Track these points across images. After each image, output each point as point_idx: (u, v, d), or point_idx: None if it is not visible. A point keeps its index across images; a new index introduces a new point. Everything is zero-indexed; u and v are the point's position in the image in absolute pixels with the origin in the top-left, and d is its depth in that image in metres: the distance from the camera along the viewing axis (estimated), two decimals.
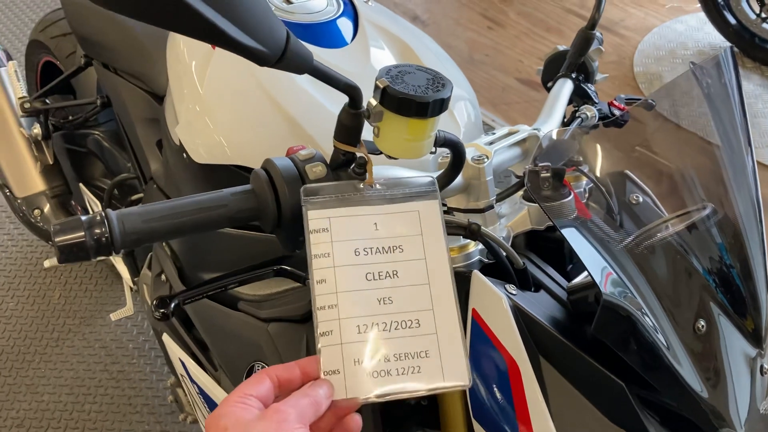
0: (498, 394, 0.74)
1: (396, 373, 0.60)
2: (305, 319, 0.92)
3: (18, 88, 1.69)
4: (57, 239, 0.59)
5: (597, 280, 0.67)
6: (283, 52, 0.58)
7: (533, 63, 2.95)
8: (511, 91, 2.82)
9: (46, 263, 1.84)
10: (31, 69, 1.97)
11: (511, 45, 3.08)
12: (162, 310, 0.76)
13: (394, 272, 0.63)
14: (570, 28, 3.16)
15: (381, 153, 0.68)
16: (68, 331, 2.04)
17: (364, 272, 0.62)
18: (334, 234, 0.63)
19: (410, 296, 0.62)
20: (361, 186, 0.66)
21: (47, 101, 1.69)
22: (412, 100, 0.62)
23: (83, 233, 0.60)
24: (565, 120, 1.00)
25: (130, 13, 0.52)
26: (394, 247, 0.64)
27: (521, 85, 2.85)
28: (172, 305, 0.76)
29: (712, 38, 3.01)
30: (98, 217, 0.61)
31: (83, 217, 0.61)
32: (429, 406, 0.91)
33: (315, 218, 0.63)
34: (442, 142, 0.69)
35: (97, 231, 0.60)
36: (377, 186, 0.66)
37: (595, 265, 0.69)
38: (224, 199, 0.66)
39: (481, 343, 0.74)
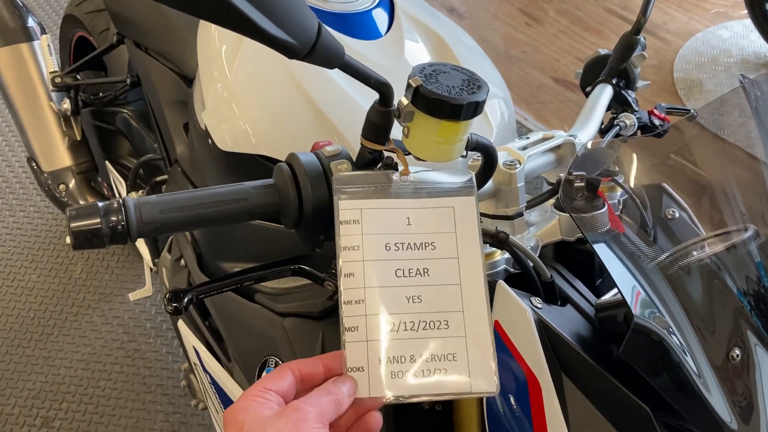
0: (516, 409, 0.71)
1: (422, 374, 0.58)
2: (322, 316, 0.90)
3: (50, 62, 1.69)
4: (72, 224, 0.58)
5: (627, 300, 0.64)
6: (314, 45, 0.56)
7: (570, 63, 2.89)
8: (546, 90, 2.77)
9: (68, 239, 1.85)
10: (64, 43, 1.97)
11: (549, 43, 3.02)
12: (174, 304, 0.74)
13: (425, 270, 0.60)
14: (610, 28, 3.09)
15: (409, 154, 0.66)
16: (87, 307, 2.05)
17: (394, 268, 0.60)
18: (365, 226, 0.61)
19: (440, 296, 0.60)
20: (395, 177, 0.64)
21: (78, 77, 1.69)
22: (446, 101, 0.59)
23: (99, 220, 0.58)
24: (603, 127, 0.96)
25: None
26: (426, 244, 0.61)
27: (556, 85, 2.80)
28: (185, 300, 0.75)
29: (758, 47, 2.92)
30: (115, 204, 0.59)
31: (100, 204, 0.59)
32: (443, 412, 0.89)
33: (346, 209, 0.61)
34: (474, 145, 0.66)
35: (114, 219, 0.58)
36: (411, 179, 0.64)
37: (626, 283, 0.66)
38: (245, 192, 0.64)
39: (501, 355, 0.71)
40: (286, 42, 0.54)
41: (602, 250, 0.68)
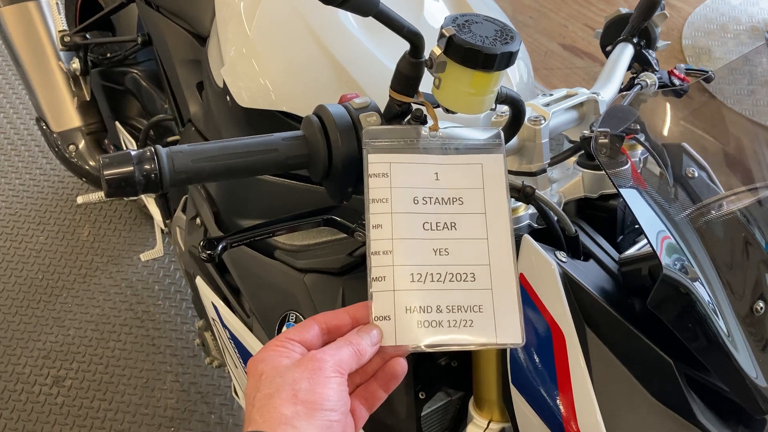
0: (539, 362, 0.72)
1: (447, 325, 0.59)
2: (342, 272, 0.91)
3: (59, 21, 1.67)
4: (106, 172, 0.58)
5: (653, 245, 0.64)
6: None
7: (578, 29, 2.87)
8: (554, 56, 2.75)
9: (80, 199, 1.85)
10: (70, 3, 1.94)
11: (557, 8, 2.99)
12: (209, 252, 0.75)
13: (452, 224, 0.61)
14: None
15: (438, 107, 0.66)
16: (96, 269, 2.06)
17: (421, 221, 0.61)
18: (393, 180, 0.62)
19: (467, 250, 0.61)
20: (424, 132, 0.64)
21: (87, 36, 1.67)
22: (479, 51, 0.59)
23: (132, 168, 0.58)
24: (623, 86, 0.96)
25: None
26: (454, 199, 0.62)
27: (564, 51, 2.78)
28: (220, 247, 0.75)
29: (767, 14, 2.90)
30: (148, 153, 0.59)
31: (133, 152, 0.59)
32: (459, 368, 0.90)
33: (375, 162, 0.62)
34: (503, 98, 0.66)
35: (147, 167, 0.59)
36: (440, 134, 0.64)
37: (653, 229, 0.67)
38: (275, 143, 0.64)
39: (526, 308, 0.72)
40: None
41: (631, 197, 0.68)
